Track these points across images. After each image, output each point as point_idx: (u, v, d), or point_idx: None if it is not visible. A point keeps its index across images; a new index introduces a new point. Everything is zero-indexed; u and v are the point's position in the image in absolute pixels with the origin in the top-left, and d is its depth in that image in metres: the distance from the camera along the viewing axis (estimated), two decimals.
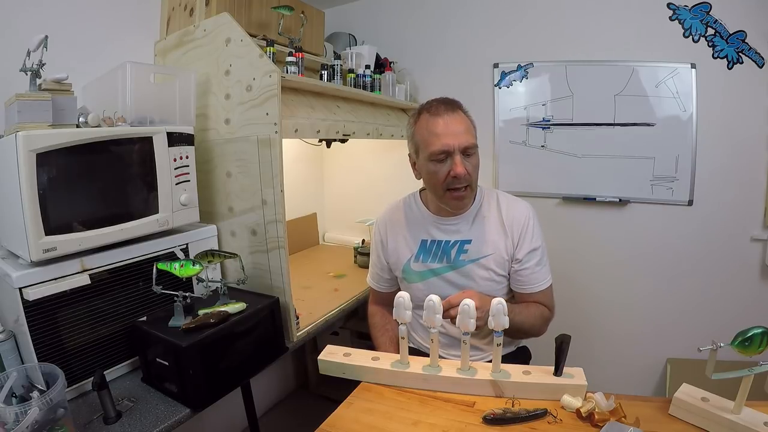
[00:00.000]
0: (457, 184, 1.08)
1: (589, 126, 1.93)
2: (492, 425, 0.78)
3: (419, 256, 1.21)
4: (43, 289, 0.90)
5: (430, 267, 1.20)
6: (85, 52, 1.30)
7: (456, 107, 1.12)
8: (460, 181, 1.07)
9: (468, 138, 1.08)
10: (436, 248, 1.19)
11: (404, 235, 1.24)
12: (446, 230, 1.19)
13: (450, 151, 1.06)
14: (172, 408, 0.96)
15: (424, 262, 1.20)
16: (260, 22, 1.52)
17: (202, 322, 1.01)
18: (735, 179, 1.74)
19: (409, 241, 1.23)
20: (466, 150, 1.07)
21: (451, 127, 1.07)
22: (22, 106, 0.91)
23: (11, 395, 0.84)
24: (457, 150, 1.06)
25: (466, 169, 1.06)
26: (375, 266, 1.34)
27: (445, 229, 1.20)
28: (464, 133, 1.08)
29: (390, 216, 1.29)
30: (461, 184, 1.08)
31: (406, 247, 1.23)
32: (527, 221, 1.17)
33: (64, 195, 0.95)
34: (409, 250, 1.23)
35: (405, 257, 1.23)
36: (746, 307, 1.77)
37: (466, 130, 1.09)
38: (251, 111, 1.24)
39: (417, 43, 2.22)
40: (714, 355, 0.72)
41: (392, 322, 1.10)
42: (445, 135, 1.06)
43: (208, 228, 1.30)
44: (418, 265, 1.21)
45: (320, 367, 1.00)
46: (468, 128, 1.10)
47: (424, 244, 1.21)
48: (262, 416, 2.12)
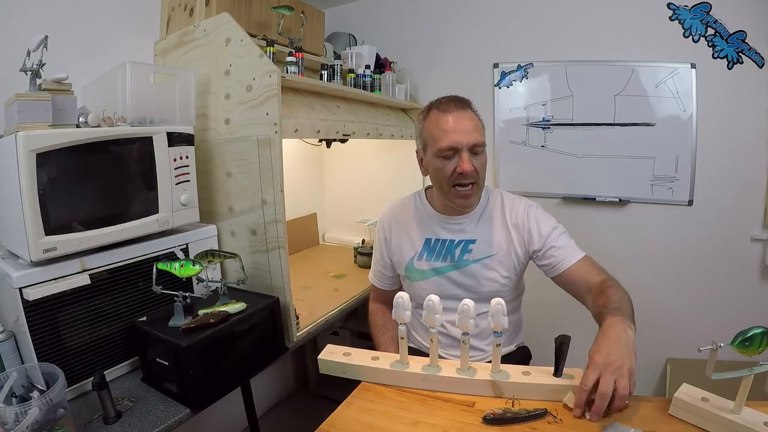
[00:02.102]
0: (463, 181, 1.08)
1: (589, 126, 1.93)
2: (492, 425, 0.78)
3: (423, 255, 1.21)
4: (43, 289, 0.90)
5: (433, 266, 1.20)
6: (85, 52, 1.30)
7: (466, 105, 1.13)
8: (466, 178, 1.08)
9: (476, 136, 1.08)
10: (440, 247, 1.19)
11: (408, 233, 1.24)
12: (451, 229, 1.20)
13: (458, 148, 1.07)
14: (172, 408, 0.96)
15: (428, 261, 1.20)
16: (260, 22, 1.52)
17: (202, 322, 1.01)
18: (735, 179, 1.74)
19: (414, 240, 1.23)
20: (473, 148, 1.08)
21: (460, 124, 1.07)
22: (22, 106, 0.91)
23: (11, 395, 0.84)
24: (465, 147, 1.06)
25: (473, 166, 1.07)
26: (377, 263, 1.34)
27: (450, 228, 1.20)
28: (473, 130, 1.08)
29: (394, 214, 1.29)
30: (467, 181, 1.09)
31: (410, 246, 1.23)
32: (527, 214, 1.17)
33: (64, 195, 0.95)
34: (413, 248, 1.23)
35: (408, 256, 1.23)
36: (746, 307, 1.77)
37: (475, 128, 1.09)
38: (251, 111, 1.24)
39: (417, 43, 2.22)
40: (714, 355, 0.72)
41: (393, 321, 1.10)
42: (454, 132, 1.07)
43: (208, 228, 1.30)
44: (421, 263, 1.21)
45: (320, 367, 1.00)
46: (477, 126, 1.10)
47: (428, 242, 1.21)
48: (262, 416, 2.12)
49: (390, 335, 1.23)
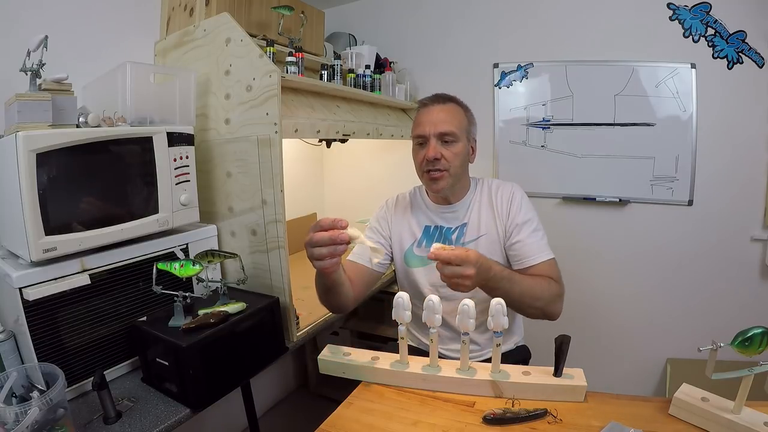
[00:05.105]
0: (431, 167, 1.14)
1: (589, 126, 1.93)
2: (492, 425, 0.78)
3: (422, 242, 1.24)
4: (43, 289, 0.90)
5: None
6: (85, 52, 1.30)
7: (447, 99, 1.20)
8: (434, 164, 1.13)
9: (446, 126, 1.13)
10: (438, 234, 1.23)
11: (408, 222, 1.28)
12: (447, 218, 1.24)
13: (426, 136, 1.14)
14: (172, 408, 0.96)
15: (427, 247, 1.22)
16: (260, 22, 1.52)
17: (202, 322, 1.01)
18: (735, 179, 1.75)
19: (413, 228, 1.26)
20: (443, 136, 1.13)
21: (434, 116, 1.15)
22: (22, 106, 0.91)
23: (11, 395, 0.84)
24: (432, 135, 1.13)
25: (442, 153, 1.12)
26: (372, 234, 1.28)
27: (446, 217, 1.24)
28: (443, 121, 1.14)
29: (399, 202, 1.33)
30: (435, 167, 1.14)
31: (409, 234, 1.27)
32: (512, 197, 1.20)
33: (64, 195, 0.95)
34: (413, 236, 1.26)
35: (408, 243, 1.26)
36: (746, 307, 1.77)
37: (447, 119, 1.15)
38: (251, 111, 1.24)
39: (417, 43, 2.22)
40: (714, 355, 0.72)
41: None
42: (426, 122, 1.15)
43: (208, 228, 1.30)
44: (420, 250, 1.24)
45: (320, 367, 1.00)
46: (451, 118, 1.16)
47: (427, 230, 1.25)
48: (262, 416, 2.12)
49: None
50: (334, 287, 1.05)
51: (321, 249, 0.89)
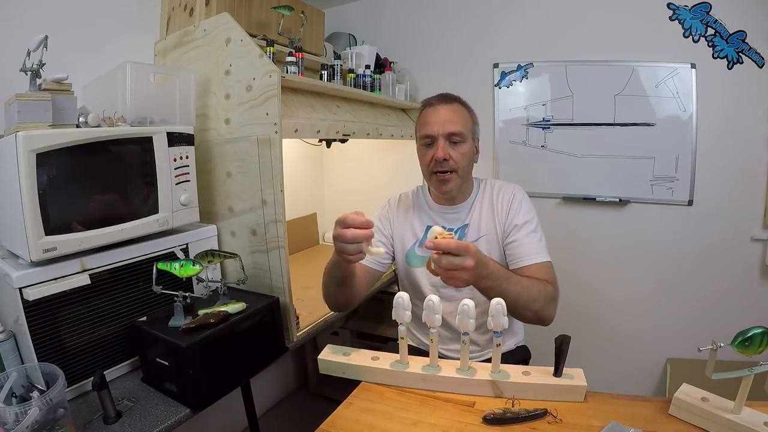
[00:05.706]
0: (439, 168, 1.13)
1: (589, 126, 1.93)
2: (492, 425, 0.78)
3: (424, 242, 1.23)
4: (43, 289, 0.90)
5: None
6: (85, 52, 1.30)
7: (452, 100, 1.19)
8: (442, 165, 1.13)
9: (454, 126, 1.13)
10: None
11: (411, 222, 1.27)
12: (449, 218, 1.24)
13: (434, 136, 1.13)
14: (172, 408, 0.96)
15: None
16: (260, 22, 1.52)
17: (202, 322, 1.01)
18: (735, 179, 1.75)
19: (415, 228, 1.26)
20: (451, 136, 1.13)
21: (441, 116, 1.14)
22: (22, 106, 0.91)
23: (11, 395, 0.84)
24: (440, 135, 1.12)
25: (449, 154, 1.12)
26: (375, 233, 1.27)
27: (448, 218, 1.24)
28: (451, 121, 1.13)
29: (401, 202, 1.33)
30: (443, 168, 1.13)
31: (411, 234, 1.26)
32: (513, 198, 1.20)
33: (64, 195, 0.95)
34: (415, 236, 1.26)
35: (410, 242, 1.26)
36: (746, 307, 1.77)
37: (455, 119, 1.14)
38: (251, 111, 1.24)
39: (417, 43, 2.22)
40: (714, 355, 0.72)
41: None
42: (432, 122, 1.14)
43: (208, 228, 1.30)
44: (422, 250, 1.24)
45: (320, 367, 1.00)
46: (458, 118, 1.15)
47: (429, 230, 1.23)
48: (262, 416, 2.12)
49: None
50: (350, 278, 1.07)
51: (355, 245, 0.90)
